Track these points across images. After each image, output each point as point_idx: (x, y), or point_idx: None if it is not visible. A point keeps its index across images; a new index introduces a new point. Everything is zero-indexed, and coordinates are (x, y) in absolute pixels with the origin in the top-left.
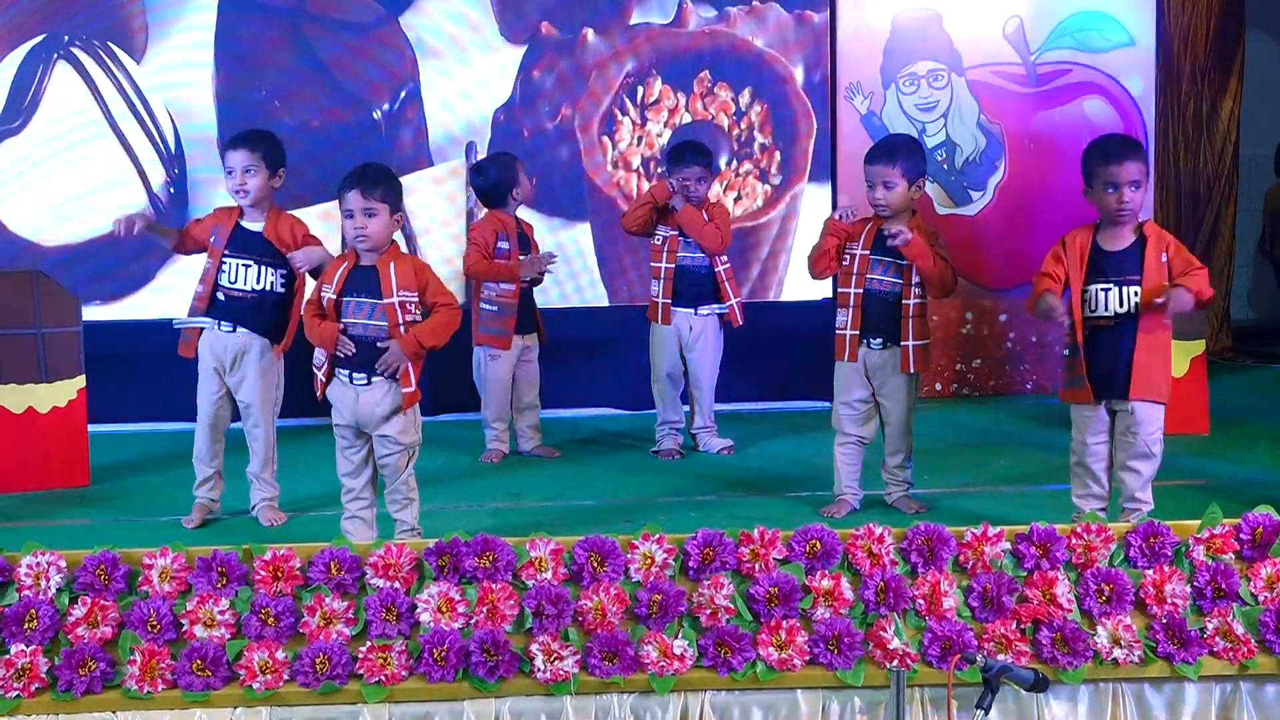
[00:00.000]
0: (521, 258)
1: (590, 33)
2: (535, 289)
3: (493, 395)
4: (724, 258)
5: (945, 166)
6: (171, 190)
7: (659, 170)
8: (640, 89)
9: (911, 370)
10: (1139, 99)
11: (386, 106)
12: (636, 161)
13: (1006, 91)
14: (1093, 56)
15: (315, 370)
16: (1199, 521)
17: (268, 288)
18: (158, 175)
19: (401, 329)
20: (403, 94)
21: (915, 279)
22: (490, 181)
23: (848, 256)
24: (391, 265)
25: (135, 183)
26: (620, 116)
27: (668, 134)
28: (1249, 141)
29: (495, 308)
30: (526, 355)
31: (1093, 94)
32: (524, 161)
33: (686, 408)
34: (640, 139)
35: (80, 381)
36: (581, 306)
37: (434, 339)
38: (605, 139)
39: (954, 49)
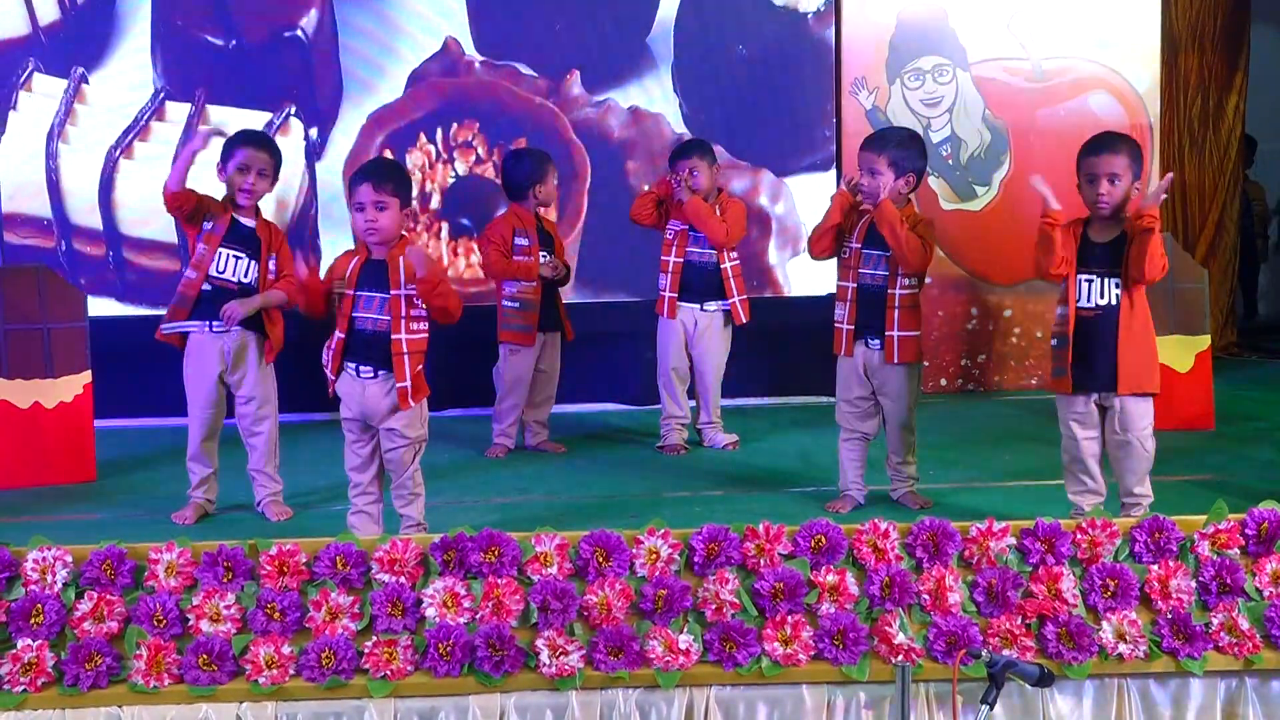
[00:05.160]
0: (543, 255)
1: (477, 62)
2: (560, 286)
3: (509, 391)
4: (733, 255)
5: (950, 162)
6: (60, 35)
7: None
8: (455, 126)
9: (895, 360)
10: (1144, 94)
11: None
12: (435, 194)
13: (1012, 86)
14: (1098, 51)
15: (324, 368)
16: (1204, 517)
17: (253, 282)
18: (48, 13)
19: (403, 322)
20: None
21: (901, 270)
22: (517, 172)
23: (846, 250)
24: (401, 259)
25: (20, 14)
26: (425, 142)
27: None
28: (1255, 135)
29: (517, 304)
30: (549, 352)
31: (1098, 89)
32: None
33: (692, 403)
34: (440, 169)
35: (86, 377)
36: (583, 302)
37: (446, 306)
38: (387, 152)
39: (959, 44)
